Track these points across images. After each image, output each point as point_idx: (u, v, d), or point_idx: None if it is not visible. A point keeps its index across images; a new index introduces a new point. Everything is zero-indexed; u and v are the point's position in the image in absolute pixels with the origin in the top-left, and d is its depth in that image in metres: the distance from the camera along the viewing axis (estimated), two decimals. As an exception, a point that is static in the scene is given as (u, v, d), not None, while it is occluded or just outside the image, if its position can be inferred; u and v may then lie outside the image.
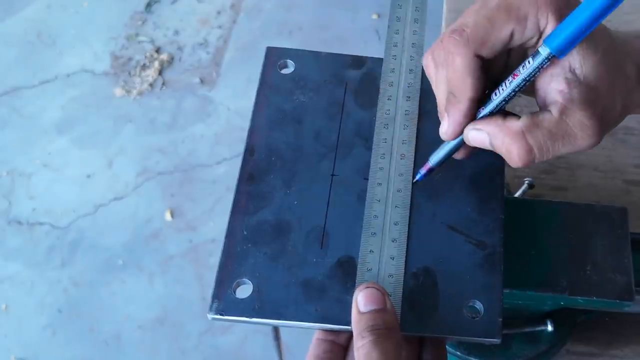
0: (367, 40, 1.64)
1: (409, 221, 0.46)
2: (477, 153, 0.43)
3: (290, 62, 0.58)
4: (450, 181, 0.48)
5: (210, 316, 0.47)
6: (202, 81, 1.60)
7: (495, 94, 0.38)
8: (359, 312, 0.38)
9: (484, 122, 0.38)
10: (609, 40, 0.37)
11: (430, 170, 0.45)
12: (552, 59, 0.35)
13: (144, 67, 1.62)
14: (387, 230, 0.46)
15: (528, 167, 0.63)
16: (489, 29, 0.35)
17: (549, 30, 0.35)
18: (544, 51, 0.35)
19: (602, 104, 0.36)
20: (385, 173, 0.48)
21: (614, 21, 0.71)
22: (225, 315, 0.47)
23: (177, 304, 1.32)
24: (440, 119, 0.41)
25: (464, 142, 0.40)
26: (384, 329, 0.36)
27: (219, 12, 1.71)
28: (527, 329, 0.55)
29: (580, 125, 0.35)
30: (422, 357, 0.40)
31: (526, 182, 0.60)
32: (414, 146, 0.49)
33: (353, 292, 0.42)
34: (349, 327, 0.41)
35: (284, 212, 0.50)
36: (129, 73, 1.61)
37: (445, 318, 0.42)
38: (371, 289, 0.39)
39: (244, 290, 0.48)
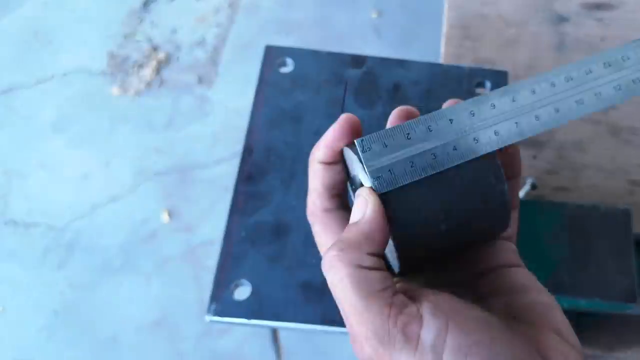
0: (367, 39, 1.63)
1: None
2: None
3: (289, 61, 0.58)
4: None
5: (208, 318, 0.46)
6: (199, 80, 1.59)
7: None
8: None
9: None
10: None
11: None
12: None
13: (141, 66, 1.61)
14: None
15: (531, 168, 0.63)
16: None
17: None
18: None
19: None
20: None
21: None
22: (224, 317, 0.47)
23: (174, 306, 1.31)
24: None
25: None
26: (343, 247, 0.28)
27: (216, 10, 1.70)
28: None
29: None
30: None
31: (529, 182, 0.59)
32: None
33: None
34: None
35: (283, 213, 0.50)
36: (126, 72, 1.60)
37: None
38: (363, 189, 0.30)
39: (243, 292, 0.47)
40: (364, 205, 0.29)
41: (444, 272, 0.32)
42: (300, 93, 0.56)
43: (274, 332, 0.63)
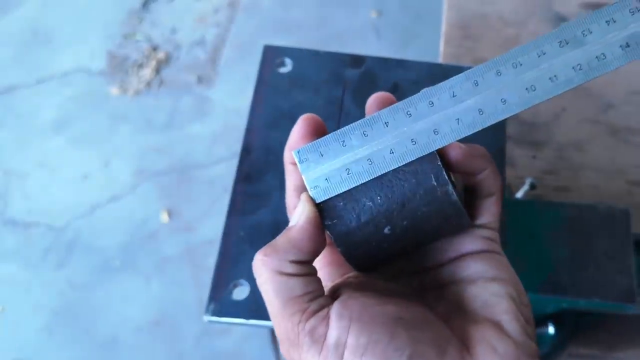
0: (366, 39, 1.63)
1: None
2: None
3: (288, 61, 0.58)
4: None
5: (206, 318, 0.46)
6: (199, 80, 1.59)
7: None
8: None
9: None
10: None
11: None
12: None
13: (140, 66, 1.61)
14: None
15: (530, 168, 0.62)
16: None
17: None
18: None
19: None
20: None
21: None
22: (222, 317, 0.46)
23: (174, 306, 1.31)
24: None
25: None
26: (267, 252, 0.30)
27: (216, 10, 1.70)
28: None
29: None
30: None
31: (528, 182, 0.59)
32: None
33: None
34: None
35: (282, 213, 0.49)
36: (126, 72, 1.60)
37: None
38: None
39: (241, 292, 0.47)
40: (300, 212, 0.30)
41: (410, 261, 0.33)
42: (299, 93, 0.56)
43: (273, 332, 0.62)
